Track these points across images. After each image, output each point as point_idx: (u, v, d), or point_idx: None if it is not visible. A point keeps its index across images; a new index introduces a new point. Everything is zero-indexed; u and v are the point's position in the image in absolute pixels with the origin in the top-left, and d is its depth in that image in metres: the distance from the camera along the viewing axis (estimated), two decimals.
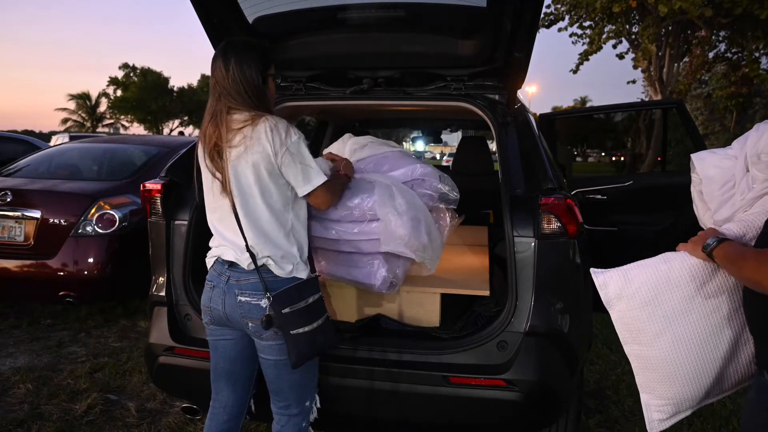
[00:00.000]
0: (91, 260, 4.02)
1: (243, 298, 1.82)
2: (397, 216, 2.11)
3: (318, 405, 2.03)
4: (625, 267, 1.58)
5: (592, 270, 1.61)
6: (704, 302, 1.51)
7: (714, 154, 1.73)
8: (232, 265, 1.85)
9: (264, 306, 1.79)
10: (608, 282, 1.58)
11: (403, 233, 2.10)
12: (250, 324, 1.82)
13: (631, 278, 1.55)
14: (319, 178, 1.85)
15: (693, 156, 1.78)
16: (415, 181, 2.37)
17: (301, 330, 1.80)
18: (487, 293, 2.28)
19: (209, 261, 1.96)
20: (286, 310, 1.78)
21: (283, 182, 1.83)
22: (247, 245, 1.80)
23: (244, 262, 1.82)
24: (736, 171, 1.63)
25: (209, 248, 1.95)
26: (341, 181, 2.12)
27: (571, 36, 16.50)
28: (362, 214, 2.14)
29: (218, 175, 1.81)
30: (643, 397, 1.64)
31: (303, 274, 1.86)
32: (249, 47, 1.86)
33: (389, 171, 2.39)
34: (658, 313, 1.52)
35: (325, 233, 2.20)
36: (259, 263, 1.81)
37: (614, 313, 1.59)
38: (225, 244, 1.87)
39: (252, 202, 1.81)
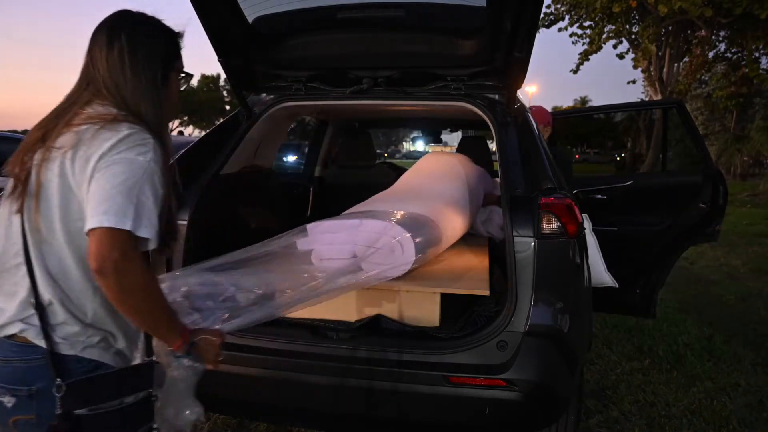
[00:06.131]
0: None
1: None
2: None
3: None
4: None
5: None
6: None
7: None
8: None
9: (9, 405, 1.09)
10: None
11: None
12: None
13: None
14: (125, 220, 1.06)
15: None
16: None
17: None
18: (487, 293, 2.28)
19: None
20: (82, 411, 1.09)
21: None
22: (35, 289, 1.11)
23: (16, 318, 1.12)
24: None
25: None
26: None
27: (571, 36, 16.52)
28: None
29: (14, 175, 1.20)
30: None
31: (111, 359, 1.18)
32: (152, 27, 1.29)
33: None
34: None
35: None
36: (52, 322, 1.12)
37: None
38: None
39: (52, 227, 1.15)
